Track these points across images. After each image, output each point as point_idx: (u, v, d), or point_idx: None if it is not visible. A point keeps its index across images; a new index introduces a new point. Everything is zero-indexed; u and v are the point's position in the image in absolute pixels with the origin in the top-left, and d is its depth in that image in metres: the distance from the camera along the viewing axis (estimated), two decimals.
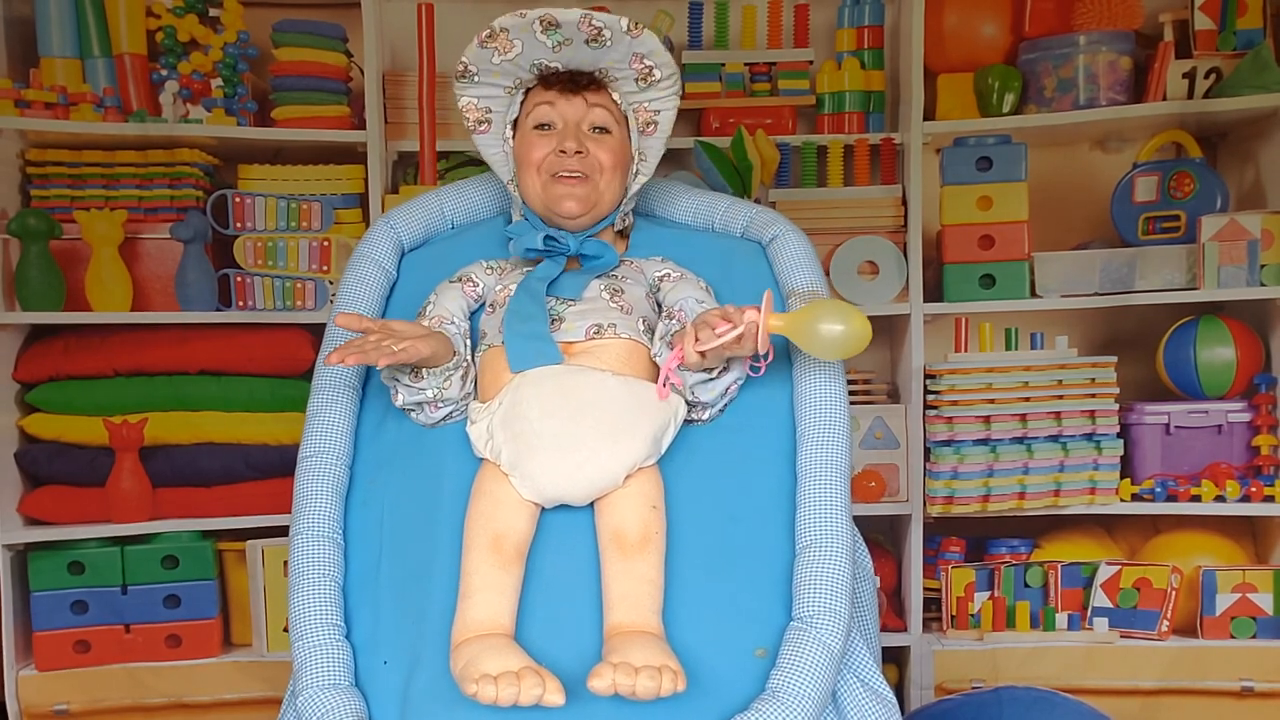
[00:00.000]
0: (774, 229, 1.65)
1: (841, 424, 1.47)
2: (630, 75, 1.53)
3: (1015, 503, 2.55)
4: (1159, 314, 2.60)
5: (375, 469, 1.49)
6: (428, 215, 1.71)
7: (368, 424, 1.53)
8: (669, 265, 1.58)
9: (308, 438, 1.50)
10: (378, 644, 1.37)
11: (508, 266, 1.58)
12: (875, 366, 2.79)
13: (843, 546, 1.39)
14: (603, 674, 1.20)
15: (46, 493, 2.49)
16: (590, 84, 1.52)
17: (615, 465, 1.36)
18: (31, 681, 2.44)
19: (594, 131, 1.52)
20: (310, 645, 1.35)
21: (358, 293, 1.60)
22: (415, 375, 1.42)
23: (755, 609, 1.37)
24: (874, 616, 1.67)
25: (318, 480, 1.46)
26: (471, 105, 1.56)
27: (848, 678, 1.42)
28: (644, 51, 1.50)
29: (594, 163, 1.51)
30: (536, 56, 1.51)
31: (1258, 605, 2.51)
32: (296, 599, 1.39)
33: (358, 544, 1.44)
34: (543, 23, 1.46)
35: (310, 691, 1.32)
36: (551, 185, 1.51)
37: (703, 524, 1.40)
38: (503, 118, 1.57)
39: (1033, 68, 2.61)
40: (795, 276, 1.59)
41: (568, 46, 1.49)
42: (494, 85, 1.55)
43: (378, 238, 1.66)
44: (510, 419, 1.37)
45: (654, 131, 1.57)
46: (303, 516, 1.44)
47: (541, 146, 1.51)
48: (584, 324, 1.46)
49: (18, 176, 2.50)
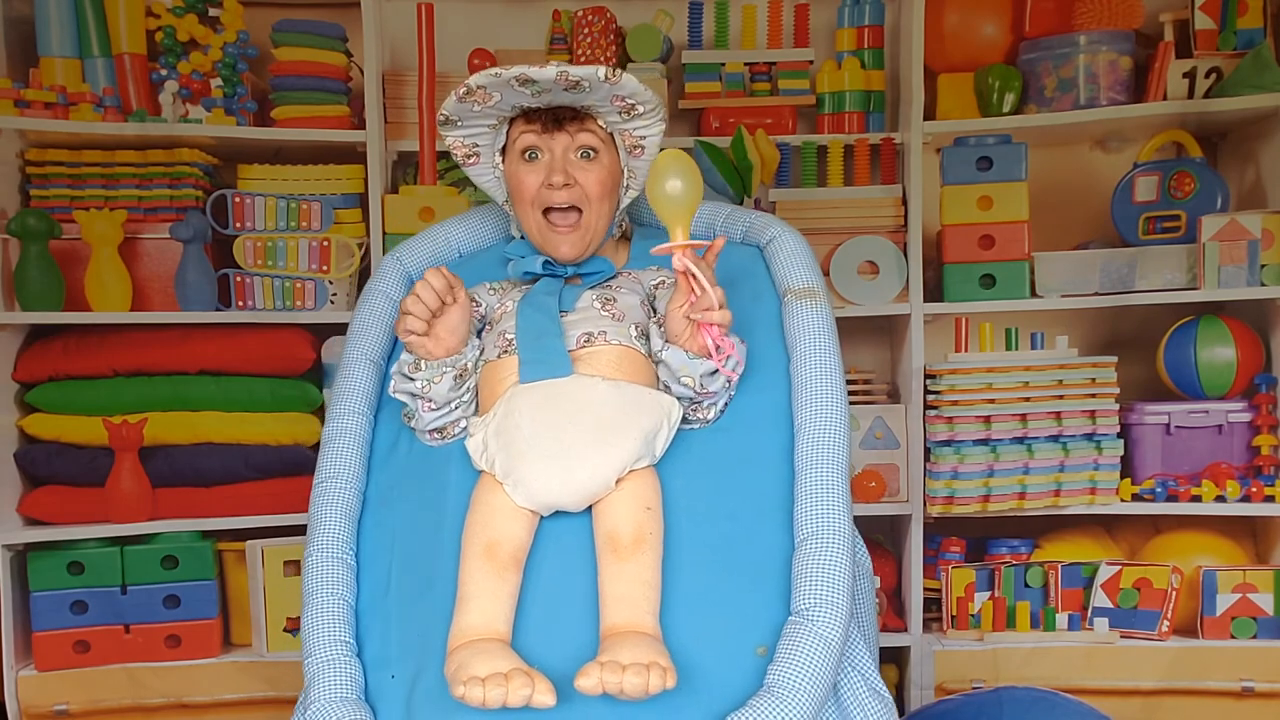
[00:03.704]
0: (770, 231, 1.68)
1: (839, 419, 1.48)
2: (613, 109, 1.54)
3: (1015, 503, 2.55)
4: (1159, 314, 2.59)
5: (387, 491, 1.54)
6: (434, 247, 1.78)
7: (380, 449, 1.58)
8: (665, 273, 1.60)
9: (322, 463, 1.55)
10: (387, 660, 1.40)
11: (508, 287, 1.61)
12: (875, 366, 2.79)
13: (841, 540, 1.40)
14: (589, 673, 1.20)
15: (46, 493, 2.49)
16: (573, 117, 1.53)
17: (605, 469, 1.37)
18: (31, 681, 2.44)
19: (581, 155, 1.54)
20: (320, 660, 1.39)
21: (368, 325, 1.67)
22: (415, 366, 1.45)
23: (755, 607, 1.37)
24: (873, 617, 1.67)
25: (329, 504, 1.51)
26: (458, 143, 1.59)
27: (850, 674, 1.42)
28: (624, 94, 1.50)
29: (582, 193, 1.53)
30: (516, 102, 1.53)
31: (1258, 605, 2.51)
32: (308, 616, 1.44)
33: (369, 565, 1.49)
34: (519, 80, 1.46)
35: (320, 704, 1.35)
36: (547, 231, 1.55)
37: (702, 524, 1.41)
38: (490, 149, 1.60)
39: (1033, 67, 2.61)
40: (791, 275, 1.61)
41: (547, 94, 1.50)
42: (478, 125, 1.57)
43: (386, 272, 1.73)
44: (503, 429, 1.39)
45: (641, 154, 1.59)
46: (315, 538, 1.49)
47: (531, 179, 1.54)
48: (575, 333, 1.48)
49: (17, 176, 2.49)
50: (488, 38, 2.66)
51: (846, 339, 2.67)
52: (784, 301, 1.58)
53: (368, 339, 1.65)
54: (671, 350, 1.43)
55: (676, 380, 1.44)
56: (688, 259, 1.36)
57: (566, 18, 2.67)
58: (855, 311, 2.60)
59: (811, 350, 1.52)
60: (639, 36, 2.63)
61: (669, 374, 1.44)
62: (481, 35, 2.67)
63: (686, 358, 1.42)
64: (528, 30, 2.73)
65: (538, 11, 2.72)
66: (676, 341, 1.43)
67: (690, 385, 1.43)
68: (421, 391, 1.45)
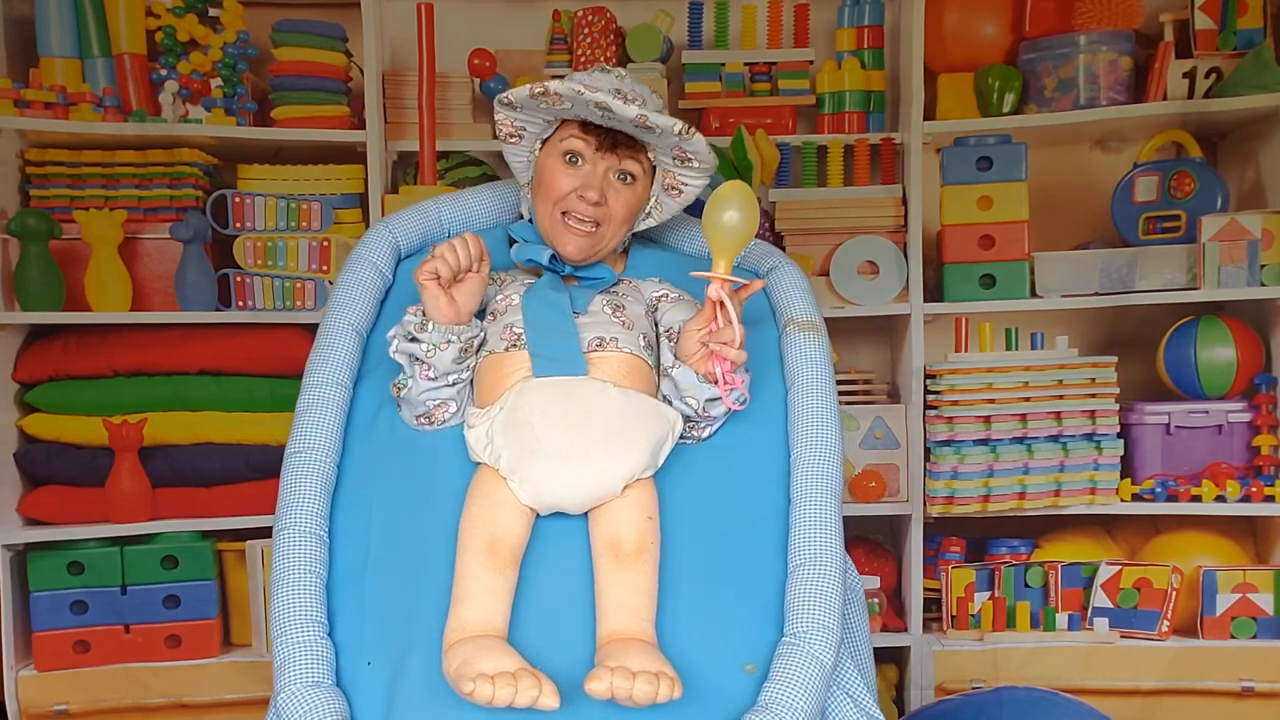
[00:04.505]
0: (771, 260, 1.70)
1: (834, 449, 1.50)
2: (669, 153, 1.54)
3: (1015, 503, 2.55)
4: (1159, 314, 2.59)
5: (365, 469, 1.49)
6: (425, 222, 1.71)
7: (358, 423, 1.52)
8: (666, 286, 1.60)
9: (295, 434, 1.48)
10: (361, 644, 1.35)
11: (507, 279, 1.60)
12: (875, 366, 2.79)
13: (834, 565, 1.42)
14: (601, 677, 1.20)
15: (46, 493, 2.49)
16: (628, 144, 1.52)
17: (614, 475, 1.37)
18: (31, 682, 2.44)
19: (619, 178, 1.53)
20: (292, 642, 1.32)
21: (353, 294, 1.59)
22: (422, 325, 1.41)
23: (747, 624, 1.38)
24: (865, 638, 1.67)
25: (305, 476, 1.44)
26: (507, 122, 1.56)
27: (837, 695, 1.43)
28: (688, 149, 1.50)
29: (607, 212, 1.53)
30: (583, 115, 1.51)
31: (1258, 605, 2.51)
32: (279, 595, 1.36)
33: (344, 543, 1.42)
34: (598, 107, 1.45)
35: (292, 689, 1.29)
36: (561, 227, 1.53)
37: (697, 539, 1.42)
38: (536, 137, 1.58)
39: (1033, 67, 2.61)
40: (793, 305, 1.62)
41: (614, 119, 1.48)
42: (534, 117, 1.55)
43: (375, 240, 1.66)
44: (512, 424, 1.38)
45: (678, 195, 1.59)
46: (288, 512, 1.42)
47: (565, 182, 1.52)
48: (587, 335, 1.48)
49: (17, 176, 2.49)
50: (488, 38, 2.66)
51: (847, 339, 2.73)
52: (785, 332, 1.60)
53: (352, 308, 1.57)
54: (682, 370, 1.44)
55: (680, 397, 1.45)
56: (725, 292, 1.38)
57: (566, 18, 2.67)
58: (855, 311, 2.60)
59: (811, 383, 1.54)
60: (639, 36, 2.63)
61: (673, 390, 1.46)
62: (481, 35, 2.67)
63: (696, 379, 1.43)
64: (528, 30, 2.73)
65: (538, 11, 2.72)
66: (687, 361, 1.44)
67: (694, 406, 1.45)
68: (425, 355, 1.41)
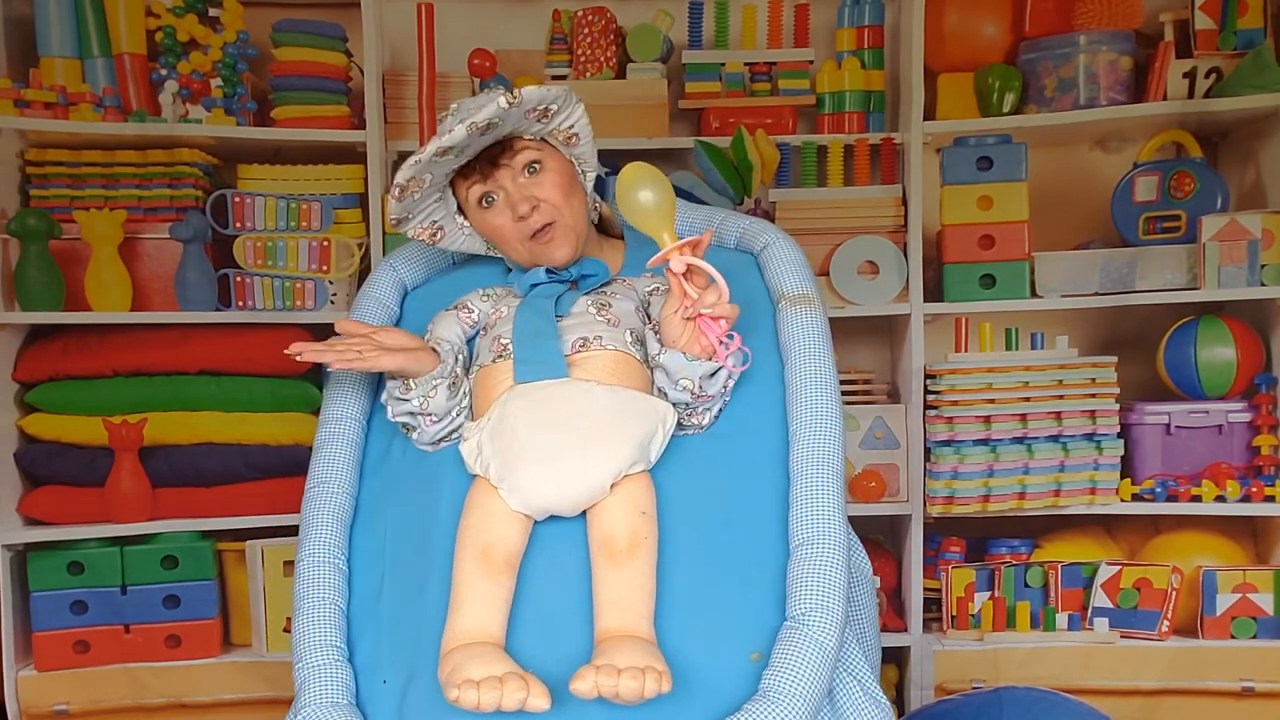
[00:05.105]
0: (764, 238, 1.67)
1: (834, 425, 1.47)
2: (531, 122, 1.53)
3: (1015, 503, 2.55)
4: (1159, 314, 2.59)
5: (380, 497, 1.53)
6: (427, 254, 1.75)
7: (373, 454, 1.58)
8: (659, 280, 1.60)
9: (314, 467, 1.55)
10: (379, 665, 1.40)
11: (503, 294, 1.61)
12: (875, 366, 2.79)
13: (836, 544, 1.39)
14: (585, 676, 1.20)
15: (46, 493, 2.49)
16: (502, 149, 1.53)
17: (600, 473, 1.36)
18: (31, 682, 2.44)
19: (528, 173, 1.53)
20: (311, 666, 1.38)
21: None
22: (405, 387, 1.46)
23: (749, 613, 1.37)
24: (873, 620, 1.66)
25: (320, 509, 1.50)
26: (420, 230, 1.59)
27: (845, 679, 1.41)
28: (531, 105, 1.48)
29: (549, 206, 1.53)
30: (446, 170, 1.52)
31: (1258, 605, 2.51)
32: (299, 621, 1.43)
33: (362, 570, 1.48)
34: (439, 152, 1.45)
35: (310, 709, 1.34)
36: (536, 248, 1.54)
37: (696, 529, 1.40)
38: (449, 217, 1.60)
39: (1033, 67, 2.61)
40: (785, 281, 1.60)
41: (468, 148, 1.49)
42: (426, 206, 1.57)
43: (380, 279, 1.73)
44: (498, 432, 1.39)
45: (577, 142, 1.59)
46: (306, 543, 1.48)
47: (502, 221, 1.54)
48: (570, 338, 1.48)
49: (17, 176, 2.49)
50: (488, 38, 2.66)
51: (847, 339, 2.73)
52: (778, 308, 1.58)
53: None
54: (669, 354, 1.42)
55: (674, 385, 1.43)
56: (686, 257, 1.36)
57: (566, 18, 2.67)
58: (855, 311, 2.60)
59: (806, 357, 1.52)
60: (639, 36, 2.63)
61: (666, 379, 1.44)
62: (481, 35, 2.67)
63: (685, 360, 1.41)
64: (528, 30, 2.74)
65: (538, 11, 2.72)
66: (674, 346, 1.42)
67: (689, 388, 1.43)
68: (420, 409, 1.46)
